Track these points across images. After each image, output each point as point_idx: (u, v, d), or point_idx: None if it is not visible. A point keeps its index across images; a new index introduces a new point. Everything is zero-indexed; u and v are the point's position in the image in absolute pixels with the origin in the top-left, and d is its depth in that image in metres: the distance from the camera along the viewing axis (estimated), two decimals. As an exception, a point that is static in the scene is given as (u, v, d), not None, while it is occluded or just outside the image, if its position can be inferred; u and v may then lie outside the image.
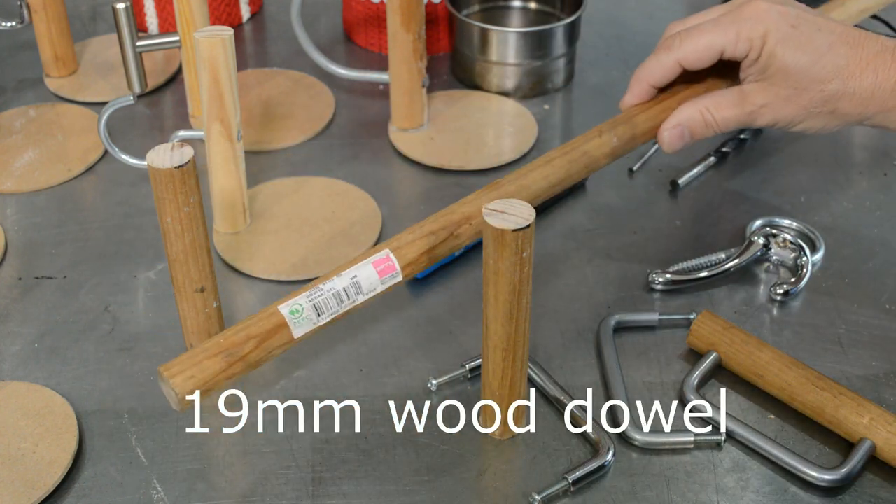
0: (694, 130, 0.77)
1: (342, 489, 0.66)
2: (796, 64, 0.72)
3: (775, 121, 0.75)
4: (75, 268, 0.82)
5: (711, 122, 0.76)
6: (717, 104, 0.76)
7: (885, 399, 0.72)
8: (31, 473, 0.66)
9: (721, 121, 0.76)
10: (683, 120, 0.77)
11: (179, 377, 0.60)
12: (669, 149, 0.78)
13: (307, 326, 0.63)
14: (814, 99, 0.73)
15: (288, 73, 1.04)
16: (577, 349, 0.76)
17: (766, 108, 0.74)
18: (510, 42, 0.99)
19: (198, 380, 0.60)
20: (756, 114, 0.75)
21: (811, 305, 0.79)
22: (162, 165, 0.65)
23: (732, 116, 0.76)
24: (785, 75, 0.73)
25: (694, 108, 0.77)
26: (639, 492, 0.66)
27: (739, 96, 0.75)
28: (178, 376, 0.60)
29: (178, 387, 0.59)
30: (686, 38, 0.76)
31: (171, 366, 0.60)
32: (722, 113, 0.76)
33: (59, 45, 1.01)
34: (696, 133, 0.77)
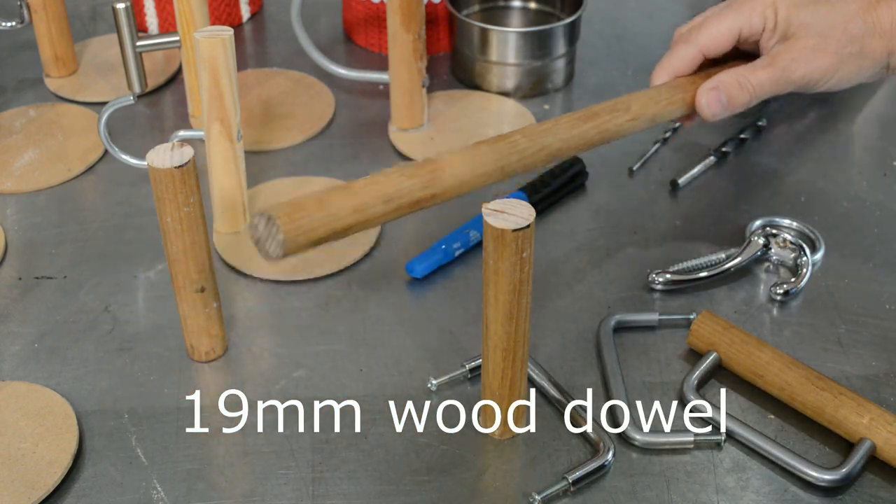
0: (731, 94, 0.76)
1: (342, 489, 0.66)
2: (813, 15, 0.74)
3: (809, 74, 0.75)
4: (75, 268, 0.82)
5: (746, 85, 0.76)
6: (749, 69, 0.76)
7: (885, 399, 0.72)
8: (31, 473, 0.66)
9: (756, 83, 0.76)
10: (719, 83, 0.76)
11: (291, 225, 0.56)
12: (709, 112, 0.77)
13: None
14: (840, 41, 0.74)
15: (288, 73, 1.04)
16: (577, 349, 0.76)
17: (797, 62, 0.74)
18: (510, 42, 0.99)
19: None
20: (789, 70, 0.75)
21: (811, 305, 0.79)
22: (162, 165, 0.65)
23: (766, 77, 0.75)
24: (806, 29, 0.74)
25: (727, 74, 0.76)
26: (639, 492, 0.66)
27: (769, 59, 0.76)
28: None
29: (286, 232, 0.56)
30: (703, 27, 0.77)
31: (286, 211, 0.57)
32: (756, 75, 0.75)
33: (59, 45, 1.01)
34: (733, 97, 0.76)
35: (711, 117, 0.77)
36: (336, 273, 0.82)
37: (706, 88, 0.76)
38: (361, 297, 0.79)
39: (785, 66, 0.75)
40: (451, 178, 0.65)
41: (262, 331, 0.77)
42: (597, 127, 0.74)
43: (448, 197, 0.65)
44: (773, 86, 0.76)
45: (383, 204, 0.61)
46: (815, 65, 0.75)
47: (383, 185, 0.62)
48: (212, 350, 0.74)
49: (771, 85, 0.76)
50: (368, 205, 0.60)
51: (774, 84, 0.76)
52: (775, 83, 0.76)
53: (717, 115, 0.77)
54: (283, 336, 0.77)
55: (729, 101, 0.76)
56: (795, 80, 0.75)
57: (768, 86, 0.76)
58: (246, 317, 0.78)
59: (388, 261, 0.83)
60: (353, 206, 0.60)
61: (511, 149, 0.69)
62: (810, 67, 0.75)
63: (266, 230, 0.57)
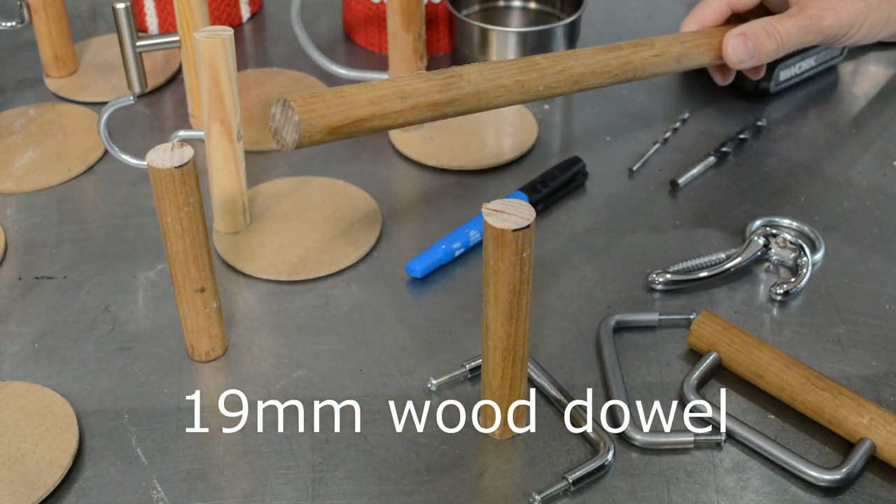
0: (758, 41, 0.76)
1: (342, 489, 0.66)
2: None
3: (838, 22, 0.74)
4: (75, 268, 0.83)
5: (774, 33, 0.75)
6: (777, 18, 0.75)
7: (885, 399, 0.72)
8: (31, 473, 0.66)
9: (784, 32, 0.75)
10: (747, 29, 0.76)
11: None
12: (736, 58, 0.76)
13: None
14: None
15: (288, 73, 1.04)
16: (577, 349, 0.76)
17: (826, 10, 0.74)
18: (510, 42, 0.99)
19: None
20: (818, 17, 0.74)
21: (811, 305, 0.79)
22: (162, 165, 0.65)
23: (794, 26, 0.75)
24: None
25: (756, 21, 0.76)
26: (639, 492, 0.66)
27: (798, 8, 0.75)
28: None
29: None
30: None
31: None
32: (784, 24, 0.75)
33: (59, 45, 1.01)
34: (761, 44, 0.76)
35: (738, 64, 0.76)
36: (336, 273, 0.82)
37: (733, 34, 0.76)
38: (361, 297, 0.79)
39: (813, 14, 0.74)
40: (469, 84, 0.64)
41: (262, 331, 0.77)
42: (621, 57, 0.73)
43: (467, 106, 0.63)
44: (801, 35, 0.75)
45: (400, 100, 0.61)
46: (844, 12, 0.74)
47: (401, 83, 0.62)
48: (212, 350, 0.74)
49: (799, 34, 0.75)
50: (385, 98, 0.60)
51: (803, 33, 0.75)
52: (804, 32, 0.75)
53: (744, 62, 0.76)
54: (283, 336, 0.77)
55: (756, 48, 0.76)
56: (824, 28, 0.75)
57: (797, 35, 0.75)
58: (246, 317, 0.78)
59: (388, 261, 0.83)
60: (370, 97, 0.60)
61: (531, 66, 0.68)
62: (839, 15, 0.74)
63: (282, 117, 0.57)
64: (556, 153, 0.95)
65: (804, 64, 1.01)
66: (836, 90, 1.03)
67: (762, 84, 0.99)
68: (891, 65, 1.07)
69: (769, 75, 0.98)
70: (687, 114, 0.97)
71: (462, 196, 0.90)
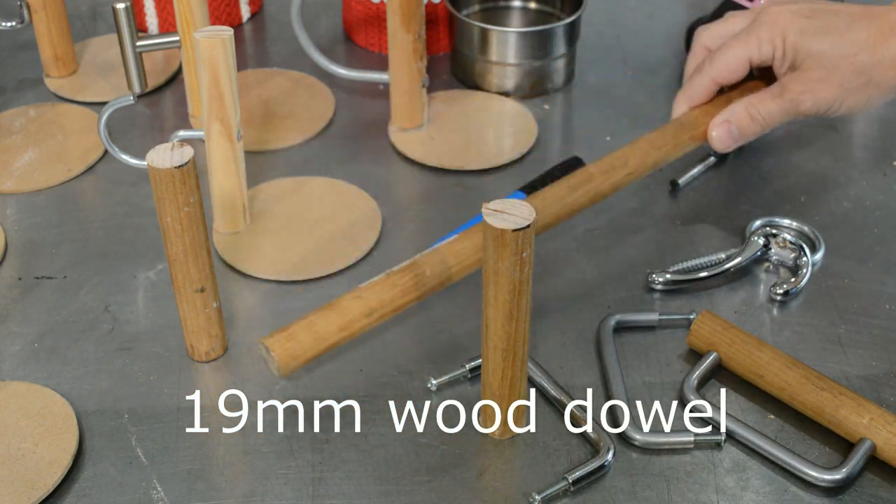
0: (741, 126, 0.80)
1: (342, 489, 0.66)
2: (820, 47, 0.76)
3: (817, 104, 0.78)
4: (75, 268, 0.83)
5: (756, 116, 0.79)
6: (759, 99, 0.79)
7: (885, 399, 0.72)
8: (31, 473, 0.66)
9: (766, 114, 0.79)
10: (730, 116, 0.80)
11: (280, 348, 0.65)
12: (721, 146, 0.81)
13: None
14: (846, 74, 0.76)
15: (288, 73, 1.04)
16: (577, 349, 0.76)
17: (805, 93, 0.77)
18: (510, 42, 0.99)
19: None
20: (797, 101, 0.78)
21: (811, 305, 0.79)
22: (162, 165, 0.65)
23: (775, 108, 0.79)
24: (813, 60, 0.76)
25: (738, 105, 0.80)
26: (639, 492, 0.66)
27: (778, 89, 0.79)
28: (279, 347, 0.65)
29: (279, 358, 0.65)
30: (715, 58, 0.81)
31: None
32: (765, 106, 0.79)
33: (59, 45, 1.01)
34: (744, 129, 0.80)
35: (724, 149, 0.81)
36: (336, 273, 0.82)
37: (717, 123, 0.81)
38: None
39: (793, 98, 0.78)
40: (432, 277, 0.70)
41: (262, 331, 0.77)
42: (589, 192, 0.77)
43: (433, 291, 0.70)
44: (782, 116, 0.79)
45: (366, 318, 0.67)
46: (823, 95, 0.77)
47: (367, 297, 0.67)
48: (212, 350, 0.74)
49: (781, 115, 0.79)
50: (354, 321, 0.67)
51: (784, 115, 0.79)
52: (785, 114, 0.79)
53: (729, 147, 0.81)
54: (283, 336, 0.77)
55: (741, 131, 0.81)
56: (804, 111, 0.78)
57: (778, 116, 0.79)
58: (246, 317, 0.78)
59: (388, 261, 0.83)
60: (340, 325, 0.66)
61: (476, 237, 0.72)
62: (817, 99, 0.77)
63: (268, 356, 0.66)
64: (556, 153, 0.95)
65: (804, 64, 1.01)
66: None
67: (762, 84, 0.99)
68: (891, 65, 1.07)
69: (769, 75, 0.99)
70: (687, 114, 0.97)
71: (462, 196, 0.90)
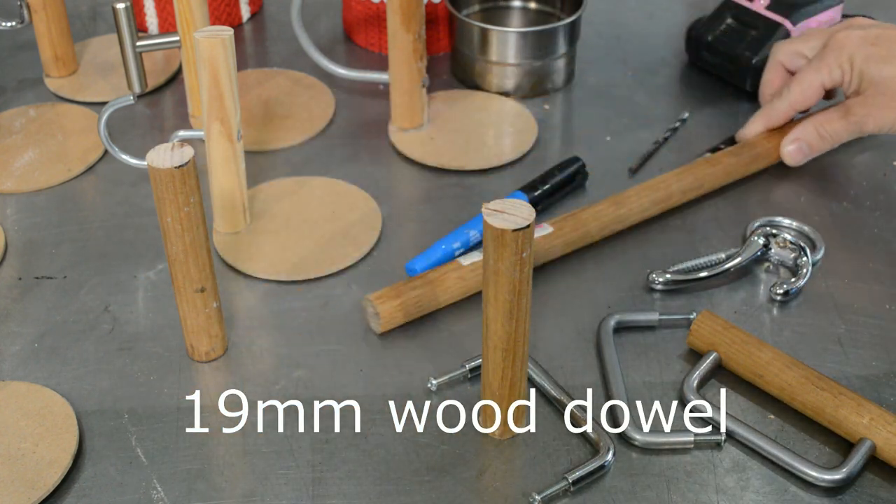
0: (811, 143, 0.88)
1: (342, 489, 0.66)
2: (881, 75, 0.83)
3: (879, 127, 0.85)
4: (75, 268, 0.83)
5: (825, 135, 0.87)
6: (827, 119, 0.87)
7: (885, 399, 0.72)
8: (31, 473, 0.66)
9: (833, 133, 0.87)
10: (801, 134, 0.88)
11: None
12: (793, 161, 0.89)
13: None
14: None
15: (288, 73, 1.04)
16: (577, 349, 0.76)
17: (869, 116, 0.85)
18: (510, 42, 0.99)
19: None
20: (861, 123, 0.85)
21: (811, 305, 0.79)
22: (162, 165, 0.65)
23: (841, 128, 0.87)
24: (877, 87, 0.84)
25: (809, 124, 0.88)
26: (639, 492, 0.66)
27: (843, 110, 0.86)
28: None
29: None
30: (793, 86, 0.88)
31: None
32: (833, 126, 0.87)
33: (59, 45, 1.01)
34: (814, 146, 0.88)
35: (795, 164, 0.89)
36: (336, 273, 0.82)
37: (788, 141, 0.89)
38: (361, 297, 0.79)
39: (857, 120, 0.86)
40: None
41: (262, 331, 0.77)
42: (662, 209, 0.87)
43: None
44: (848, 135, 0.87)
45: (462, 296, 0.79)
46: (886, 119, 0.84)
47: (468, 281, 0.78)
48: (212, 350, 0.74)
49: (846, 134, 0.87)
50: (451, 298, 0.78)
51: (849, 134, 0.87)
52: (850, 133, 0.87)
53: (800, 161, 0.89)
54: (283, 336, 0.77)
55: (810, 149, 0.89)
56: (868, 130, 0.86)
57: (844, 135, 0.87)
58: (246, 317, 0.78)
59: (388, 261, 0.83)
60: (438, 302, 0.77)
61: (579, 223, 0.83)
62: (880, 122, 0.85)
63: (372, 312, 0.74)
64: (556, 153, 0.95)
65: (804, 64, 1.01)
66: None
67: (762, 84, 0.99)
68: (891, 65, 1.07)
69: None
70: (687, 114, 0.97)
71: (462, 196, 0.90)
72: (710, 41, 1.02)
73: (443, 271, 0.78)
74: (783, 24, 0.99)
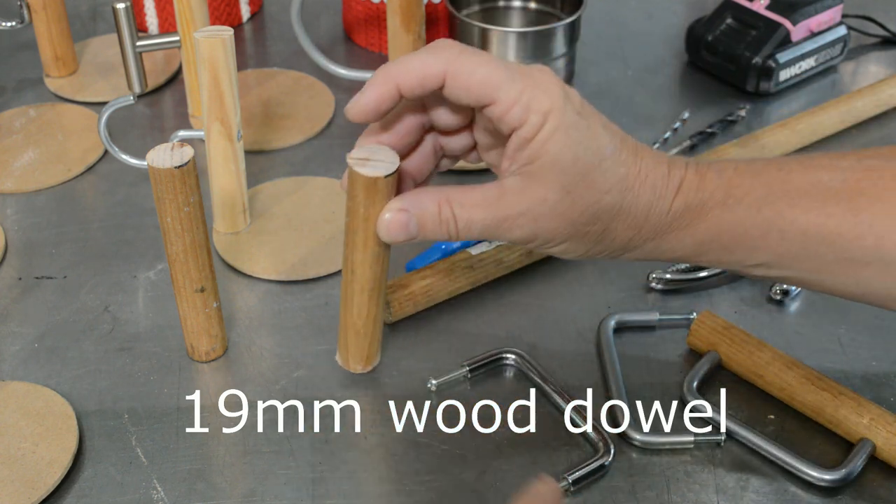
0: (424, 224, 0.59)
1: (342, 489, 0.66)
2: (575, 160, 0.56)
3: (533, 235, 0.58)
4: (75, 268, 0.82)
5: (449, 220, 0.58)
6: (465, 198, 0.58)
7: (885, 399, 0.72)
8: (31, 473, 0.66)
9: (464, 223, 0.58)
10: (414, 206, 0.58)
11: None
12: (387, 237, 0.59)
13: None
14: (586, 211, 0.57)
15: (288, 73, 1.04)
16: (577, 349, 0.76)
17: (525, 216, 0.57)
18: (510, 42, 0.99)
19: None
20: (511, 223, 0.58)
21: (811, 305, 0.79)
22: (162, 165, 0.65)
23: (480, 220, 0.58)
24: (559, 173, 0.56)
25: (432, 196, 0.58)
26: (639, 492, 0.66)
27: (497, 194, 0.58)
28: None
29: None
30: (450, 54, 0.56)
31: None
32: (469, 213, 0.58)
33: (59, 45, 1.01)
34: (426, 229, 0.59)
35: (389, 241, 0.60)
36: (336, 273, 0.82)
37: (395, 207, 0.58)
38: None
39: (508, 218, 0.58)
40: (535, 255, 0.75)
41: (262, 331, 0.77)
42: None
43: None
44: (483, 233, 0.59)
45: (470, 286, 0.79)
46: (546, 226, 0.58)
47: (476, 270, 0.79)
48: (212, 350, 0.74)
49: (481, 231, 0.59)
50: (460, 288, 0.78)
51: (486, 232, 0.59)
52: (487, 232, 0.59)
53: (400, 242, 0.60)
54: (283, 336, 0.77)
55: (419, 230, 0.59)
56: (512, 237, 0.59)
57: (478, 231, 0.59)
58: (246, 317, 0.78)
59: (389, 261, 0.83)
60: (449, 291, 0.78)
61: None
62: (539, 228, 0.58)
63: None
64: (556, 153, 0.94)
65: (804, 64, 1.01)
66: (836, 90, 1.03)
67: (762, 84, 0.99)
68: (891, 65, 1.07)
69: (769, 75, 0.99)
70: (687, 114, 0.97)
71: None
72: (710, 41, 1.02)
73: (452, 261, 0.78)
74: (783, 24, 0.99)
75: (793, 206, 0.58)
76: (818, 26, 1.01)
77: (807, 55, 1.01)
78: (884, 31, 1.09)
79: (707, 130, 0.95)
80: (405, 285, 0.76)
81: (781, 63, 0.99)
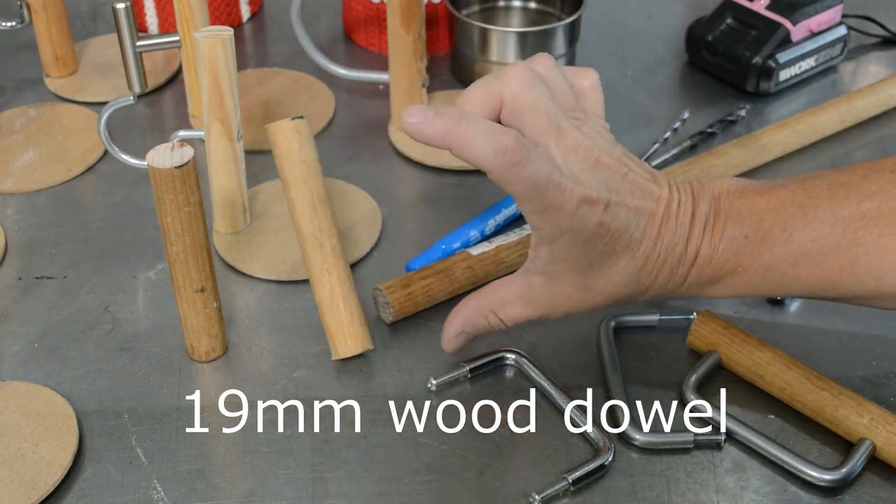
0: (478, 333, 0.70)
1: (342, 489, 0.66)
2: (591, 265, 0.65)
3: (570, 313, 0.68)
4: (75, 268, 0.83)
5: (498, 324, 0.69)
6: (504, 301, 0.68)
7: (885, 399, 0.72)
8: (31, 473, 0.66)
9: (510, 321, 0.68)
10: (468, 326, 0.69)
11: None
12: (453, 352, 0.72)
13: None
14: (609, 299, 0.67)
15: (288, 73, 1.04)
16: (577, 349, 0.76)
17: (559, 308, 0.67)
18: (510, 42, 0.99)
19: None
20: (548, 314, 0.68)
21: (811, 305, 0.79)
22: (162, 165, 0.65)
23: (522, 315, 0.68)
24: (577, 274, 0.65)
25: (477, 310, 0.69)
26: (639, 492, 0.66)
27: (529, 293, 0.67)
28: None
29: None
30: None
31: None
32: (509, 313, 0.68)
33: (59, 45, 1.01)
34: (481, 333, 0.70)
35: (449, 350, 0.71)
36: (336, 273, 0.82)
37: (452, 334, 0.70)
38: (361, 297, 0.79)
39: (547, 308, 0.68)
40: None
41: (262, 331, 0.77)
42: None
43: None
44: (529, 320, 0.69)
45: (471, 286, 0.79)
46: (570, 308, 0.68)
47: (476, 270, 0.79)
48: (212, 350, 0.74)
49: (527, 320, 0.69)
50: (460, 288, 0.78)
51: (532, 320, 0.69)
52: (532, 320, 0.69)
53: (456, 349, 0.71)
54: (283, 336, 0.77)
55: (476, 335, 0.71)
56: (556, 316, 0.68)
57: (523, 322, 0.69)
58: (246, 317, 0.78)
59: (388, 261, 0.83)
60: (448, 291, 0.78)
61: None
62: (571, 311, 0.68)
63: (382, 302, 0.75)
64: (556, 153, 0.94)
65: (804, 64, 1.01)
66: (836, 90, 1.03)
67: (762, 84, 0.99)
68: (891, 65, 1.07)
69: (769, 75, 0.99)
70: (687, 114, 0.97)
71: (462, 196, 0.90)
72: (710, 41, 1.02)
73: (452, 261, 0.78)
74: (783, 24, 0.99)
75: (796, 266, 0.64)
76: (818, 26, 1.01)
77: (807, 55, 1.01)
78: (884, 31, 1.09)
79: (707, 130, 0.95)
80: (405, 285, 0.76)
81: (781, 63, 0.99)
